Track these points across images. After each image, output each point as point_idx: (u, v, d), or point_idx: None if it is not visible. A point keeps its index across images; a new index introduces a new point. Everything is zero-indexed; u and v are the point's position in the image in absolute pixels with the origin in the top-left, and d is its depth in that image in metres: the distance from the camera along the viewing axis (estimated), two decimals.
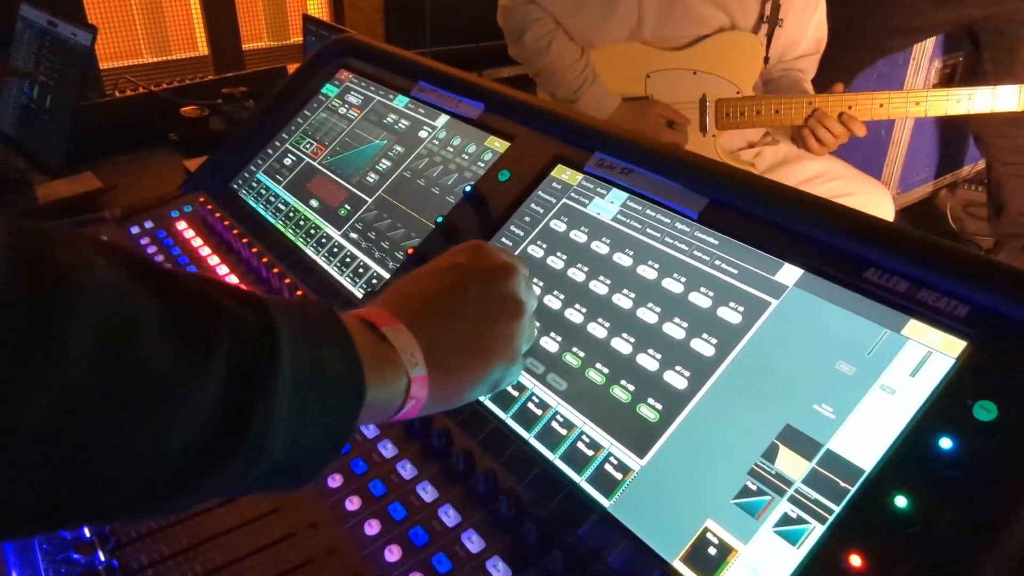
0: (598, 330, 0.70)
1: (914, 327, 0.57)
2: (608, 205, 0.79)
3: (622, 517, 0.59)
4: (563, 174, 0.84)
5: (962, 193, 3.09)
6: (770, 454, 0.57)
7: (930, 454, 0.51)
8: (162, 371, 0.35)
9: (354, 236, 0.95)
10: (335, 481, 0.67)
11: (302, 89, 1.22)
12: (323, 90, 1.20)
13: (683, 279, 0.69)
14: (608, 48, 1.70)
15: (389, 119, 1.07)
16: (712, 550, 0.55)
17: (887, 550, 0.49)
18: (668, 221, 0.74)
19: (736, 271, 0.67)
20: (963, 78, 2.66)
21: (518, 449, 0.67)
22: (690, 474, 0.59)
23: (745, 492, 0.56)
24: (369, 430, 0.71)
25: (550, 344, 0.72)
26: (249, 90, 1.82)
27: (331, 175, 1.05)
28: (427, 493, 0.64)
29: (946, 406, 0.52)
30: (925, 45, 2.58)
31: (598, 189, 0.80)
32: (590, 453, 0.64)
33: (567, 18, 1.68)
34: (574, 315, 0.73)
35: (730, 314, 0.65)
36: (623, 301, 0.71)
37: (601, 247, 0.76)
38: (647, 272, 0.72)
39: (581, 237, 0.78)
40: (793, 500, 0.54)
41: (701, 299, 0.67)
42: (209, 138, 1.65)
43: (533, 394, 0.70)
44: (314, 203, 1.04)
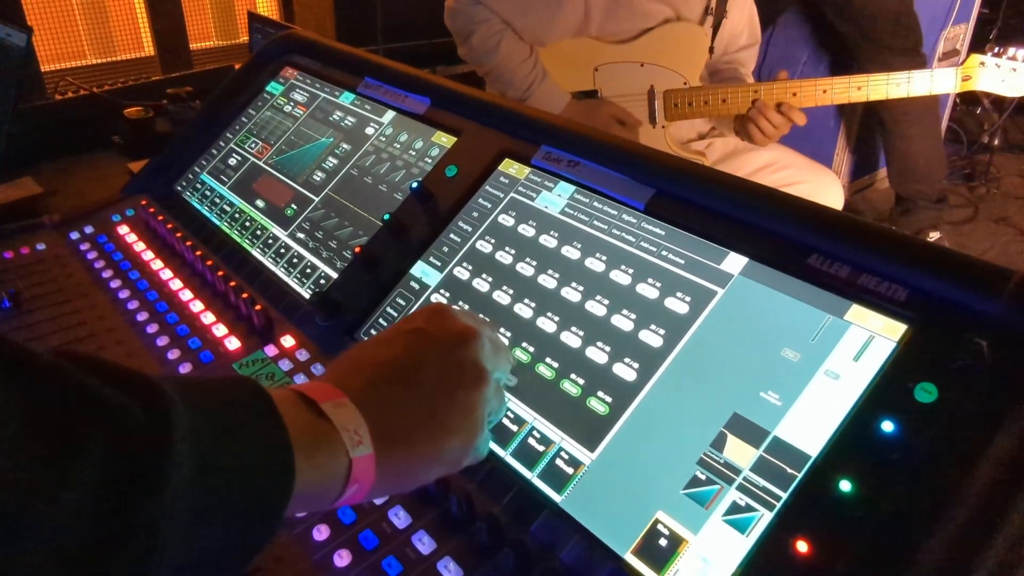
0: (548, 324, 0.70)
1: (856, 312, 0.57)
2: (555, 198, 0.78)
3: (574, 512, 0.59)
4: (510, 168, 0.84)
5: None
6: (718, 443, 0.57)
7: (873, 438, 0.51)
8: (16, 483, 0.29)
9: (301, 236, 0.93)
10: None
11: (246, 88, 1.19)
12: (268, 88, 1.17)
13: (631, 271, 0.69)
14: (556, 45, 1.71)
15: (335, 116, 1.05)
16: (663, 542, 0.54)
17: (832, 535, 0.49)
18: (615, 213, 0.74)
19: (683, 261, 0.67)
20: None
21: None
22: (640, 466, 0.59)
23: (695, 482, 0.56)
24: None
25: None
26: (196, 90, 1.78)
27: (277, 174, 1.03)
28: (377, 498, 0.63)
29: (888, 389, 0.53)
30: None
31: (545, 183, 0.80)
32: (541, 448, 0.63)
33: (515, 18, 1.68)
34: (524, 310, 0.72)
35: (677, 304, 0.65)
36: (572, 295, 0.70)
37: (549, 241, 0.75)
38: (595, 265, 0.71)
39: (529, 231, 0.77)
40: (741, 488, 0.54)
41: (648, 290, 0.67)
42: (154, 140, 1.61)
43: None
44: (260, 203, 1.01)
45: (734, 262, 0.65)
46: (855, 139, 2.84)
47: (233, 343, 0.82)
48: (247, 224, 1.00)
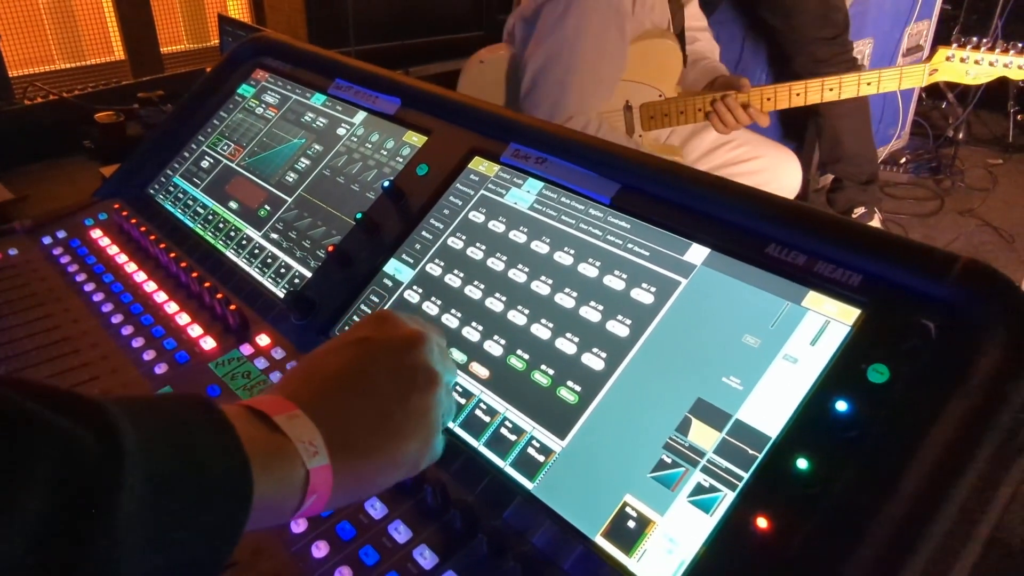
0: (518, 317, 0.72)
1: (813, 298, 0.60)
2: (525, 194, 0.80)
3: (545, 498, 0.61)
4: (480, 166, 0.85)
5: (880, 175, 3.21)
6: (683, 427, 0.59)
7: (829, 418, 0.53)
8: None
9: (275, 236, 0.94)
10: None
11: (218, 90, 1.20)
12: (239, 90, 1.18)
13: (598, 263, 0.71)
14: None
15: (307, 117, 1.06)
16: (631, 524, 0.56)
17: (791, 511, 0.51)
18: (582, 208, 0.75)
19: (648, 253, 0.69)
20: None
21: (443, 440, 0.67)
22: (609, 452, 0.61)
23: (661, 465, 0.58)
24: None
25: (471, 334, 0.73)
26: (167, 93, 1.78)
27: (250, 176, 1.04)
28: None
29: (843, 371, 0.55)
30: None
31: (514, 179, 0.82)
32: (513, 438, 0.65)
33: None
34: (495, 304, 0.74)
35: (643, 295, 0.67)
36: (541, 288, 0.72)
37: (519, 236, 0.77)
38: (563, 258, 0.73)
39: (499, 227, 0.79)
40: (705, 470, 0.56)
41: (615, 282, 0.69)
42: (126, 144, 1.61)
43: (456, 384, 0.70)
44: (233, 205, 1.02)
45: (696, 253, 0.67)
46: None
47: (209, 343, 0.83)
48: (221, 225, 1.01)
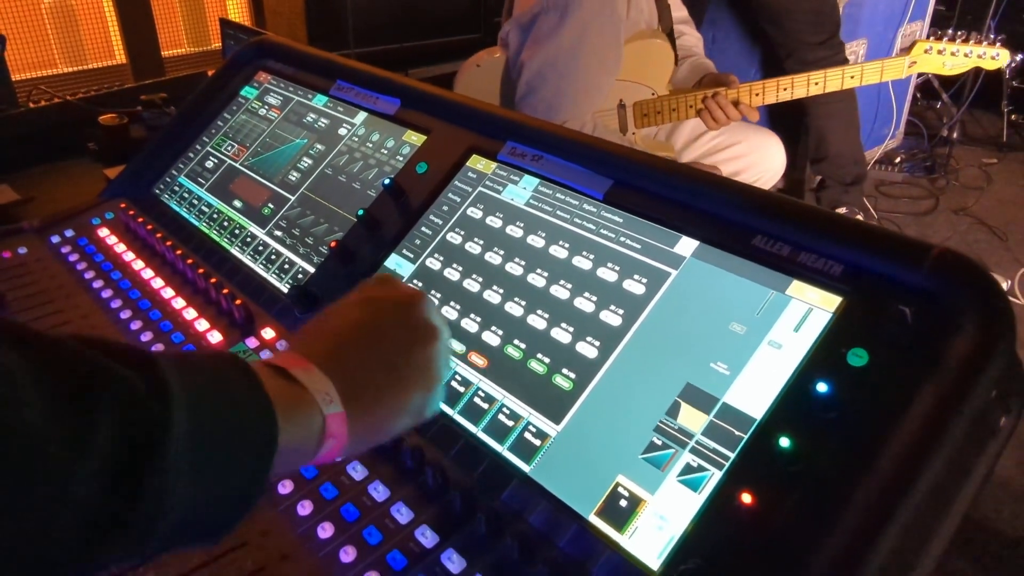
0: (515, 309, 0.74)
1: (797, 287, 0.62)
2: (521, 191, 0.82)
3: (541, 480, 0.63)
4: (478, 163, 0.88)
5: (872, 173, 3.24)
6: (673, 411, 0.61)
7: (811, 400, 0.56)
8: (40, 445, 0.32)
9: (278, 233, 0.97)
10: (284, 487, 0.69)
11: (221, 92, 1.22)
12: (242, 92, 1.21)
13: (591, 256, 0.74)
14: None
15: (309, 118, 1.09)
16: (623, 502, 0.59)
17: (774, 488, 0.54)
18: (576, 203, 0.78)
19: (639, 246, 0.72)
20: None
21: (442, 426, 0.70)
22: (602, 435, 0.63)
23: (652, 447, 0.60)
24: None
25: (470, 325, 0.75)
26: (169, 96, 1.80)
27: (253, 175, 1.07)
28: (357, 472, 0.67)
29: (824, 356, 0.58)
30: None
31: (511, 176, 0.84)
32: (510, 424, 0.67)
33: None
34: (492, 296, 0.76)
35: (635, 286, 0.70)
36: (537, 280, 0.75)
37: (515, 231, 0.80)
38: (558, 252, 0.76)
39: (496, 222, 0.82)
40: (694, 451, 0.59)
41: (608, 274, 0.72)
42: (129, 146, 1.63)
43: (456, 373, 0.73)
44: (237, 203, 1.05)
45: (686, 245, 0.69)
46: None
47: (215, 336, 0.86)
48: (225, 224, 1.03)
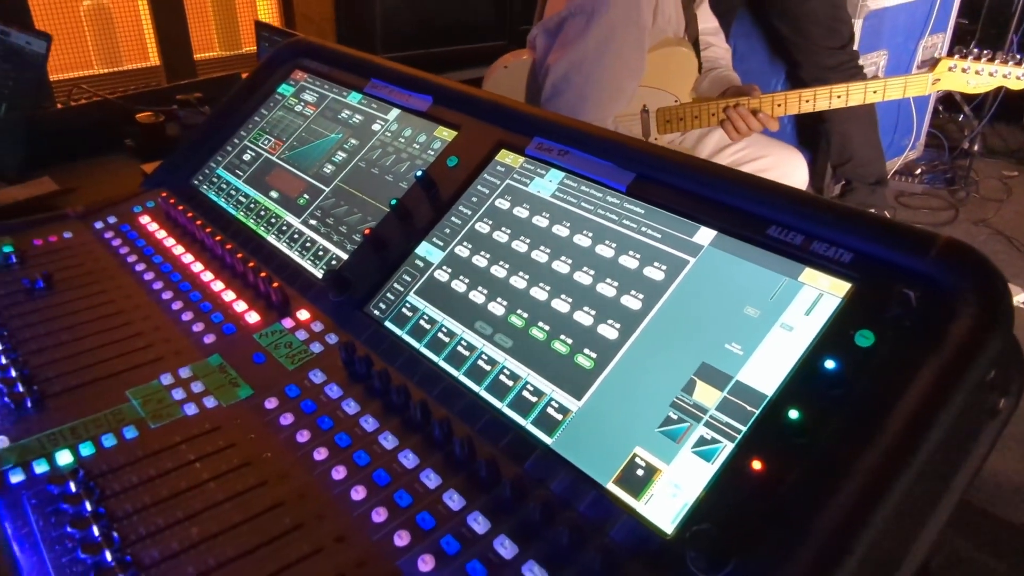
0: (539, 293, 0.78)
1: (808, 274, 0.66)
2: (547, 184, 0.86)
3: (562, 451, 0.67)
4: (506, 158, 0.92)
5: (892, 184, 3.26)
6: (689, 388, 0.65)
7: (819, 377, 0.59)
8: None
9: (313, 222, 1.02)
10: (321, 454, 0.73)
11: (259, 89, 1.28)
12: (279, 89, 1.26)
13: (614, 245, 0.77)
14: None
15: (343, 114, 1.13)
16: (640, 472, 0.62)
17: (783, 458, 0.57)
18: (600, 195, 0.82)
19: (659, 235, 0.75)
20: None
21: (470, 401, 0.74)
22: (621, 410, 0.67)
23: (668, 421, 0.64)
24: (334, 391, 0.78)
25: (496, 308, 0.79)
26: (203, 96, 1.86)
27: (289, 168, 1.12)
28: (388, 441, 0.71)
29: (833, 337, 0.61)
30: None
31: (538, 170, 0.88)
32: (534, 399, 0.71)
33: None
34: (518, 281, 0.80)
35: (654, 273, 0.73)
36: (561, 267, 0.79)
37: (541, 221, 0.84)
38: (582, 240, 0.80)
39: (523, 213, 0.86)
40: (708, 424, 0.62)
41: (629, 261, 0.75)
42: (165, 143, 1.69)
43: (483, 353, 0.77)
44: (274, 194, 1.10)
45: (704, 235, 0.73)
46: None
47: (253, 317, 0.90)
48: (262, 213, 1.08)
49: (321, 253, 0.97)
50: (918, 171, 3.35)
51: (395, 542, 0.62)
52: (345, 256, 0.95)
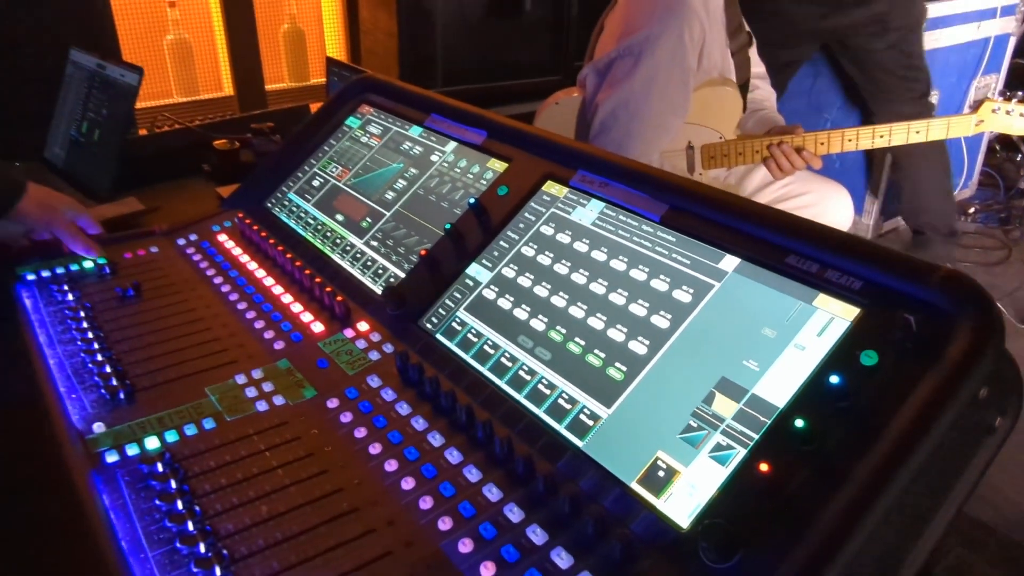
0: (577, 311, 0.86)
1: (822, 299, 0.72)
2: (588, 212, 0.94)
3: (592, 453, 0.74)
4: (552, 188, 1.00)
5: None
6: (708, 399, 0.71)
7: (826, 391, 0.65)
8: None
9: (374, 243, 1.11)
10: (375, 449, 0.82)
11: (328, 121, 1.39)
12: (347, 122, 1.37)
13: (646, 269, 0.85)
14: None
15: (405, 146, 1.23)
16: (661, 473, 0.69)
17: (789, 463, 0.63)
18: (636, 224, 0.89)
19: (688, 261, 0.83)
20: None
21: (511, 407, 0.81)
22: (646, 418, 0.74)
23: (688, 429, 0.71)
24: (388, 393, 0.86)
25: (538, 324, 0.87)
26: (275, 126, 2.00)
27: (354, 194, 1.22)
28: (435, 439, 0.79)
29: (840, 356, 0.67)
30: None
31: (580, 200, 0.96)
32: (568, 407, 0.78)
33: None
34: (558, 301, 0.88)
35: (682, 295, 0.80)
36: (598, 288, 0.86)
37: (582, 246, 0.92)
38: (618, 264, 0.87)
39: (565, 239, 0.94)
40: (724, 432, 0.69)
41: (660, 284, 0.82)
42: (239, 168, 1.83)
43: (524, 364, 0.85)
44: (339, 217, 1.20)
45: (729, 262, 0.80)
46: (884, 188, 2.97)
47: (318, 327, 1.00)
48: (328, 234, 1.18)
49: (381, 271, 1.07)
50: (971, 210, 3.33)
51: (439, 526, 0.70)
52: (402, 274, 1.04)
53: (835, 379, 0.65)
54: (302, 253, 1.17)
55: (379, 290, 1.04)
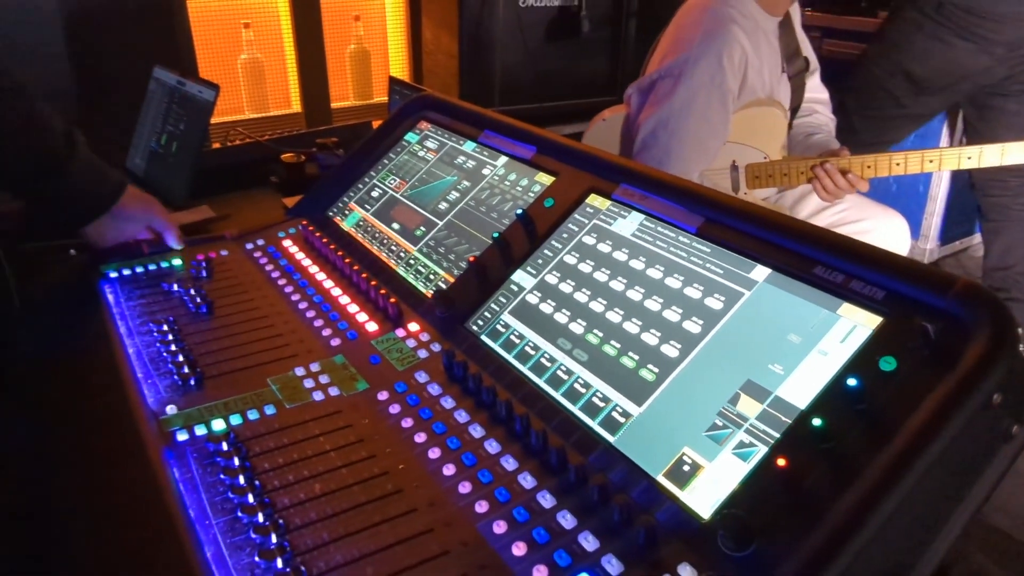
0: (614, 316, 0.90)
1: (846, 308, 0.75)
2: (628, 224, 0.99)
3: (622, 448, 0.78)
4: (595, 201, 1.05)
5: None
6: (734, 400, 0.75)
7: (845, 394, 0.69)
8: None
9: (426, 250, 1.18)
10: (421, 437, 0.88)
11: (389, 136, 1.47)
12: (405, 137, 1.45)
13: (681, 278, 0.89)
14: None
15: (459, 160, 1.30)
16: (686, 467, 0.73)
17: (807, 460, 0.66)
18: (673, 235, 0.94)
19: (721, 271, 0.87)
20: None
21: (548, 404, 0.86)
22: (674, 416, 0.78)
23: (714, 427, 0.74)
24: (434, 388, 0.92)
25: (576, 328, 0.92)
26: (339, 141, 2.10)
27: (410, 204, 1.29)
28: (476, 431, 0.84)
29: (860, 361, 0.70)
30: None
31: (621, 212, 1.01)
32: (601, 405, 0.83)
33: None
34: (597, 306, 0.93)
35: (714, 303, 0.84)
36: (635, 295, 0.91)
37: (621, 255, 0.96)
38: (654, 273, 0.92)
39: (606, 248, 0.98)
40: (747, 431, 0.72)
41: (693, 292, 0.87)
42: (304, 180, 1.92)
43: (562, 364, 0.90)
44: (396, 226, 1.27)
45: (760, 272, 0.84)
46: (946, 205, 2.92)
47: (372, 326, 1.07)
48: (384, 241, 1.26)
49: (432, 276, 1.13)
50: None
51: (476, 509, 0.75)
52: (451, 279, 1.10)
53: (854, 383, 0.68)
54: (360, 258, 1.24)
55: (429, 293, 1.11)
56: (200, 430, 0.87)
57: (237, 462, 0.81)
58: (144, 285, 1.20)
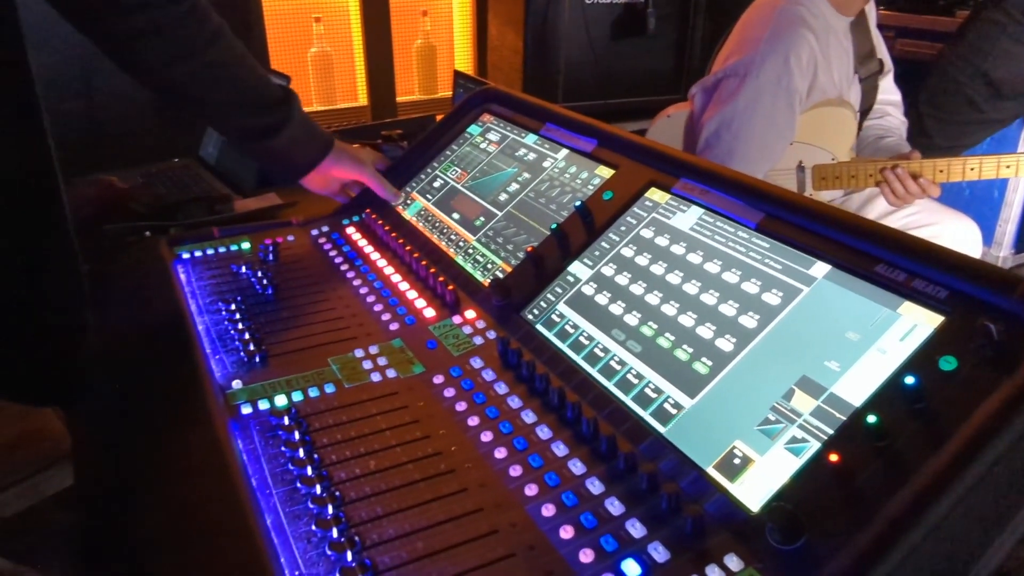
0: (669, 309, 0.91)
1: (907, 307, 0.74)
2: (687, 218, 0.99)
3: (673, 439, 0.79)
4: (655, 195, 1.06)
5: None
6: (788, 395, 0.75)
7: (904, 393, 0.68)
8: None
9: (485, 240, 1.20)
10: (474, 421, 0.89)
11: (452, 128, 1.50)
12: (468, 129, 1.47)
13: (739, 273, 0.89)
14: None
15: (520, 152, 1.32)
16: (737, 460, 0.73)
17: (861, 456, 0.66)
18: (732, 230, 0.94)
19: (780, 267, 0.86)
20: None
21: (600, 393, 0.87)
22: (727, 410, 0.78)
23: (766, 422, 0.74)
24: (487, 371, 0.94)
25: (631, 319, 0.93)
26: (403, 133, 2.13)
27: (471, 195, 1.31)
28: (528, 417, 0.86)
29: (920, 360, 0.69)
30: None
31: (680, 206, 1.01)
32: (654, 396, 0.83)
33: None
34: (652, 299, 0.93)
35: (772, 298, 0.84)
36: (691, 288, 0.91)
37: (678, 249, 0.96)
38: (712, 267, 0.91)
39: (664, 242, 0.99)
40: (801, 427, 0.72)
41: (751, 287, 0.86)
42: None
43: (615, 355, 0.90)
44: (456, 216, 1.29)
45: (819, 268, 0.83)
46: (1022, 212, 2.81)
47: (430, 312, 1.09)
48: (444, 230, 1.28)
49: (489, 266, 1.15)
50: None
51: (526, 492, 0.76)
52: (509, 269, 1.12)
53: (912, 381, 0.67)
54: (420, 246, 1.27)
55: (487, 282, 1.12)
56: (263, 405, 0.91)
57: (297, 436, 0.84)
58: (215, 266, 1.24)
